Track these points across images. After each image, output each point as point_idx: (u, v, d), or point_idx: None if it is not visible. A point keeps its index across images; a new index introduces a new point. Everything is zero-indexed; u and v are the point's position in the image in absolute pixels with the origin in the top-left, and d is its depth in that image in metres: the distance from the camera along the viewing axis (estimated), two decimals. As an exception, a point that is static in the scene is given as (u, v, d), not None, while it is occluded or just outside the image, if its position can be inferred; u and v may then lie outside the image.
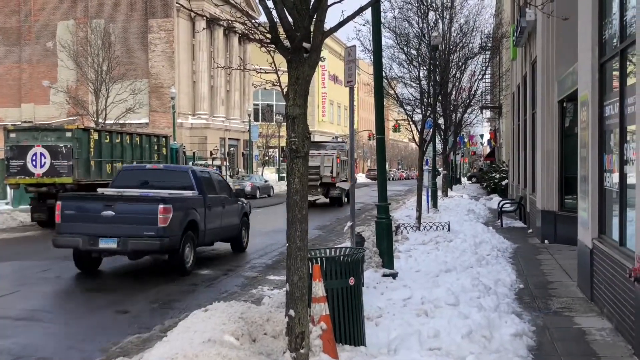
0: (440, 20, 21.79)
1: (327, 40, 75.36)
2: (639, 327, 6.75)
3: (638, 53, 6.75)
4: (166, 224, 12.27)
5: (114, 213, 12.39)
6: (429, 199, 24.66)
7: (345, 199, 33.03)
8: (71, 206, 13.00)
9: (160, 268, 14.26)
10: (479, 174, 61.25)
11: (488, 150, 63.39)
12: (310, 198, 31.86)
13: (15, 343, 8.08)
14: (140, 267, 14.31)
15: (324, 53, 79.68)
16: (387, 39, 19.69)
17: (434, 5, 20.65)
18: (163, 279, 12.68)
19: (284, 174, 54.34)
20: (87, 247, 12.56)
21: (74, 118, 45.05)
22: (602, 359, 6.92)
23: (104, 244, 12.36)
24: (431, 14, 20.32)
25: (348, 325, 6.63)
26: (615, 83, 8.50)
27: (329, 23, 6.06)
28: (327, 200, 34.06)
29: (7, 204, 27.68)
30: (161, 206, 12.27)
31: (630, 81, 7.61)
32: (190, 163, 31.24)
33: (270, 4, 5.87)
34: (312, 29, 5.82)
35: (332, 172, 32.37)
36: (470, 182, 67.75)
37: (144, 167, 18.71)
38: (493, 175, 38.64)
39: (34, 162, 21.45)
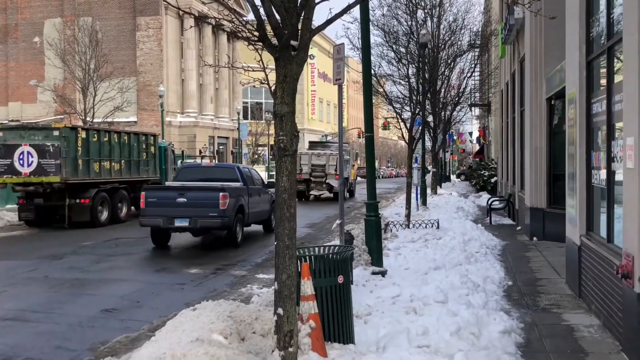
0: (429, 18, 21.83)
1: (317, 38, 75.33)
2: (626, 323, 6.79)
3: (625, 51, 6.78)
4: (225, 207, 15.80)
5: (185, 200, 15.89)
6: (418, 196, 24.73)
7: (347, 193, 37.53)
8: (152, 195, 16.48)
9: (148, 267, 14.23)
10: (468, 171, 61.41)
11: (477, 147, 63.60)
12: (316, 193, 36.64)
13: (3, 343, 8.04)
14: (128, 265, 14.29)
15: (313, 51, 79.66)
16: (375, 37, 19.84)
17: (422, 3, 20.69)
18: (151, 277, 12.66)
19: (274, 172, 54.30)
20: (166, 226, 16.10)
21: (62, 117, 44.82)
22: (590, 355, 6.96)
23: (179, 223, 15.88)
24: (420, 12, 20.37)
25: (337, 323, 6.62)
26: (603, 80, 8.54)
27: (317, 21, 6.05)
28: (331, 195, 36.03)
29: (-6, 203, 27.52)
30: (221, 194, 15.79)
31: (617, 78, 7.64)
32: (179, 162, 31.11)
33: (257, 2, 5.85)
34: (299, 26, 5.81)
35: (336, 170, 34.67)
36: (459, 179, 67.89)
37: (199, 164, 23.39)
38: (482, 172, 38.73)
39: (21, 161, 21.32)
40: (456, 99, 30.11)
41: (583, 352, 7.08)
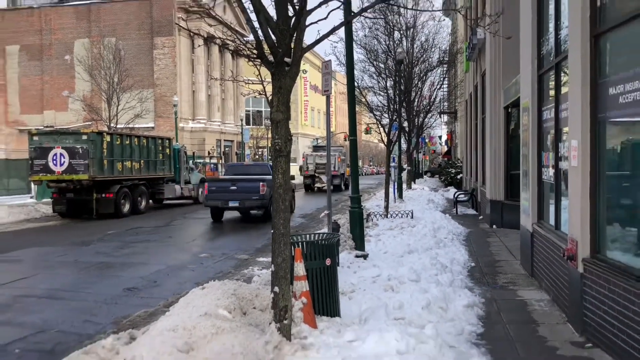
0: (404, 39, 21.77)
1: (309, 55, 75.09)
2: (571, 298, 6.82)
3: (570, 66, 6.80)
4: (264, 193, 19.04)
5: (236, 187, 19.29)
6: (396, 191, 24.73)
7: (344, 187, 41.30)
8: (212, 185, 19.88)
9: (165, 252, 14.16)
10: (438, 169, 61.40)
11: (445, 149, 63.57)
12: (319, 185, 40.13)
13: (39, 318, 8.01)
14: (147, 251, 14.22)
15: (306, 66, 79.42)
16: (358, 54, 19.81)
17: (398, 25, 20.63)
18: (167, 261, 12.61)
19: (272, 170, 53.95)
20: (223, 206, 19.63)
21: (89, 123, 44.47)
22: (541, 325, 6.98)
23: (232, 204, 19.39)
24: (396, 33, 20.30)
25: (325, 299, 6.62)
26: (552, 92, 8.56)
27: (307, 40, 6.04)
28: (332, 187, 36.28)
29: (31, 197, 27.45)
30: (261, 183, 19.07)
31: (564, 90, 7.66)
32: (190, 162, 31.00)
33: (256, 25, 5.83)
34: (292, 46, 5.79)
35: (334, 168, 39.06)
36: (427, 176, 67.81)
37: (242, 163, 27.12)
38: (450, 170, 38.80)
39: (54, 162, 21.28)
40: (428, 107, 30.04)
41: (534, 322, 7.10)
